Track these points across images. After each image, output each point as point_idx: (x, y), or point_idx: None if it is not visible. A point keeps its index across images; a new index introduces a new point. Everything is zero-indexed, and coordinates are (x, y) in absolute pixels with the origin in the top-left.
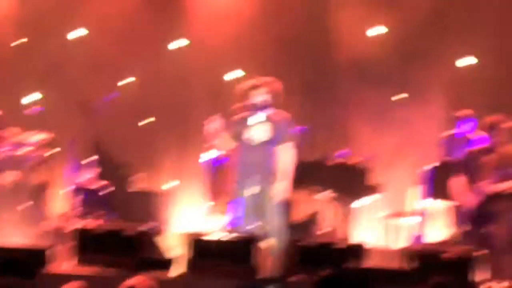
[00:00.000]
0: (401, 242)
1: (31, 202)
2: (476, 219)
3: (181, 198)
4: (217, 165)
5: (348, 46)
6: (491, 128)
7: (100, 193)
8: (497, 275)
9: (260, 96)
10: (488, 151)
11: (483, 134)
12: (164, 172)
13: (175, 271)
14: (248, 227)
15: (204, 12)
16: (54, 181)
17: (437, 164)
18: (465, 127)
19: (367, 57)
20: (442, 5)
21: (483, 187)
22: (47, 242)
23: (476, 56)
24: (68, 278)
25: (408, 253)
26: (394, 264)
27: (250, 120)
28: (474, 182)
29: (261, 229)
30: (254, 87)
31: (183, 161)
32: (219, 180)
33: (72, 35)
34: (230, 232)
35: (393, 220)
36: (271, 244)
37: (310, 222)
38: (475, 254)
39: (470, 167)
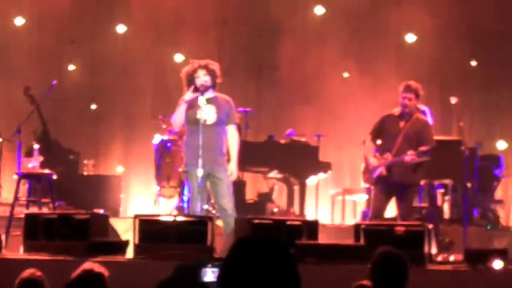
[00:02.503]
0: (351, 218)
1: None
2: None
3: (130, 182)
4: (165, 149)
5: (292, 26)
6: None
7: (46, 181)
8: (443, 249)
9: (201, 78)
10: (399, 117)
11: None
12: (112, 157)
13: (127, 254)
14: (197, 209)
15: None
16: (1, 170)
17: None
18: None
19: (312, 37)
20: None
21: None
22: None
23: (417, 33)
24: (19, 264)
25: (360, 229)
26: (347, 240)
27: (195, 103)
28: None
29: (210, 211)
30: (195, 69)
31: (130, 146)
32: (167, 163)
33: (13, 23)
34: (180, 214)
35: (343, 197)
36: (223, 224)
37: (263, 201)
38: (425, 228)
39: (382, 132)
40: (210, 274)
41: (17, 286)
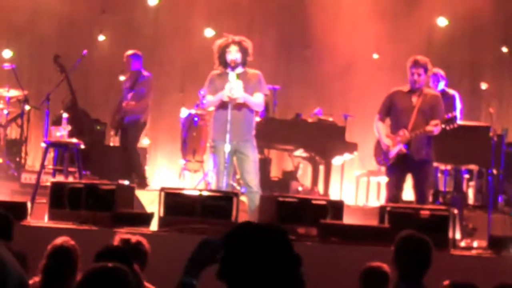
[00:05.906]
0: (375, 200)
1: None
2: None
3: (155, 155)
4: (192, 123)
5: (324, 6)
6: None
7: (73, 150)
8: (466, 234)
9: (232, 54)
10: (409, 93)
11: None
12: None
13: (151, 227)
14: (223, 185)
15: None
16: (28, 137)
17: None
18: (439, 85)
19: (343, 17)
20: None
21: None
22: (23, 197)
23: (449, 18)
24: (43, 231)
25: (385, 211)
26: (372, 221)
27: (225, 78)
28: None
29: (236, 186)
30: (228, 44)
31: (157, 118)
32: (193, 137)
33: None
34: (205, 189)
35: (367, 178)
36: (248, 201)
37: (287, 179)
38: (450, 212)
39: (391, 109)
40: None
41: (49, 252)
